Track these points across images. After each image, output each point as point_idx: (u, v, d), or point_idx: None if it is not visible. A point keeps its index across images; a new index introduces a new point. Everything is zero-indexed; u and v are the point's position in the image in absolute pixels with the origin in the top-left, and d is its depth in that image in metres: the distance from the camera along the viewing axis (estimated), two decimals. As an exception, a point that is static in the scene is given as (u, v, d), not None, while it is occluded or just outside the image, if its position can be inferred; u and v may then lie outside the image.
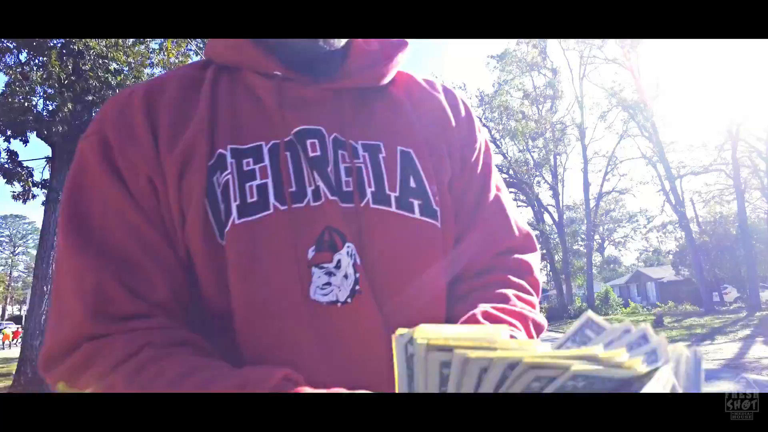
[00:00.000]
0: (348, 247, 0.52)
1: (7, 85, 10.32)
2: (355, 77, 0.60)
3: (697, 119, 44.73)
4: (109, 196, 0.52)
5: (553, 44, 27.10)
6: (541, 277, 0.68)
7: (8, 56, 10.89)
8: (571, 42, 26.94)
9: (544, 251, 31.21)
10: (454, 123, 0.65)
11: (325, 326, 0.51)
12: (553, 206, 29.05)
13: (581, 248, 30.24)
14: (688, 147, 25.22)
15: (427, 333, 0.26)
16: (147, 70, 11.84)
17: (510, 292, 0.58)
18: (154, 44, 13.66)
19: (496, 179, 0.68)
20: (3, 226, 68.63)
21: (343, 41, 0.61)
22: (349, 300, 0.51)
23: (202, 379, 0.43)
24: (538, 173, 29.37)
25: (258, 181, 0.53)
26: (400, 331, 0.27)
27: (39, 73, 10.08)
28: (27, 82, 10.14)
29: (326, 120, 0.57)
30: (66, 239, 0.51)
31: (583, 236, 28.82)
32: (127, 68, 11.08)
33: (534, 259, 0.65)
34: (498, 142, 31.18)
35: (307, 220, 0.52)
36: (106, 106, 0.58)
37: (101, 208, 0.52)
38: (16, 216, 66.71)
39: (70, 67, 10.11)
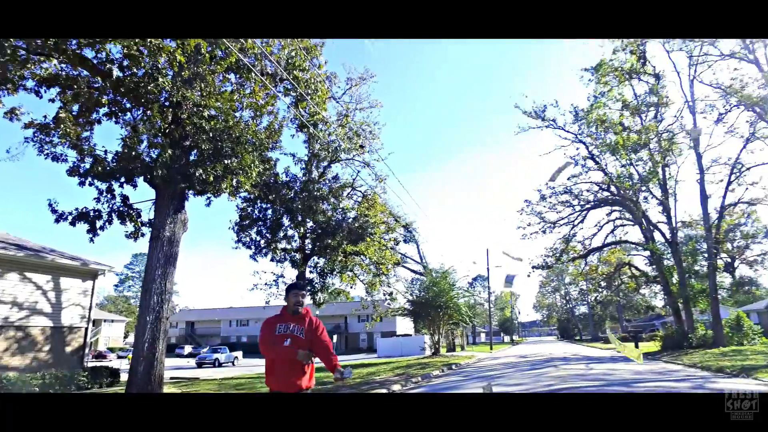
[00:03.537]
0: (289, 339, 3.83)
1: (122, 139, 11.63)
2: (298, 316, 3.95)
3: None
4: (267, 326, 3.90)
5: (654, 47, 24.79)
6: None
7: (125, 115, 12.35)
8: (677, 42, 24.63)
9: (656, 274, 28.08)
10: (314, 323, 3.98)
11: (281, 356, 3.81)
12: (665, 223, 26.20)
13: (704, 269, 26.87)
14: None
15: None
16: (237, 114, 12.75)
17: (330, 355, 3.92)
18: (247, 90, 14.79)
19: (326, 333, 4.05)
20: (134, 263, 78.08)
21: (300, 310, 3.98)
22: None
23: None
24: (644, 188, 26.80)
25: (279, 331, 3.88)
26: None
27: (144, 126, 11.27)
28: (135, 134, 11.39)
29: (293, 322, 3.91)
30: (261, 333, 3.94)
31: (704, 255, 25.61)
32: (218, 113, 11.94)
33: (331, 346, 4.01)
34: (596, 158, 29.11)
35: (282, 336, 3.85)
36: (265, 321, 4.00)
37: (265, 329, 3.91)
38: (145, 254, 75.27)
39: (169, 117, 11.19)
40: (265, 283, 20.99)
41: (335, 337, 57.06)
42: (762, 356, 15.96)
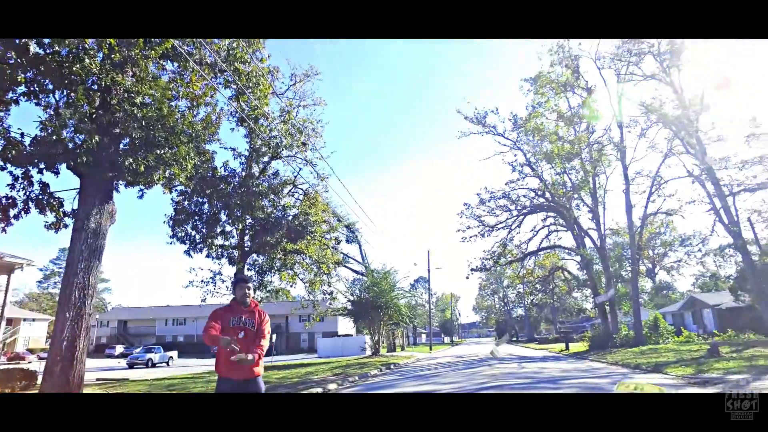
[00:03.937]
0: (243, 332, 4.23)
1: (41, 121, 10.79)
2: (248, 308, 4.38)
3: (752, 133, 41.73)
4: (212, 320, 4.17)
5: (587, 64, 26.30)
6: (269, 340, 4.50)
7: (47, 97, 11.48)
8: (607, 60, 26.22)
9: (587, 278, 29.69)
10: (262, 315, 4.41)
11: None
12: (595, 230, 27.73)
13: (629, 274, 28.70)
14: (741, 163, 23.62)
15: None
16: (172, 103, 12.19)
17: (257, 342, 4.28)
18: (186, 79, 14.22)
19: (268, 323, 4.43)
20: (61, 257, 73.21)
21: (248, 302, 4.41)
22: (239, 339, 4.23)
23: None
24: (576, 196, 28.24)
25: (233, 323, 4.25)
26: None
27: (68, 110, 10.53)
28: (58, 117, 10.62)
29: (245, 314, 4.33)
30: (207, 322, 4.21)
31: (629, 260, 27.33)
32: (152, 100, 11.39)
33: (267, 339, 4.36)
34: (533, 165, 30.36)
35: (236, 328, 4.25)
36: (214, 311, 4.32)
37: (211, 320, 4.17)
38: (72, 249, 70.88)
39: (97, 102, 10.54)
40: (202, 281, 20.27)
41: (275, 336, 55.98)
42: (673, 353, 17.27)
